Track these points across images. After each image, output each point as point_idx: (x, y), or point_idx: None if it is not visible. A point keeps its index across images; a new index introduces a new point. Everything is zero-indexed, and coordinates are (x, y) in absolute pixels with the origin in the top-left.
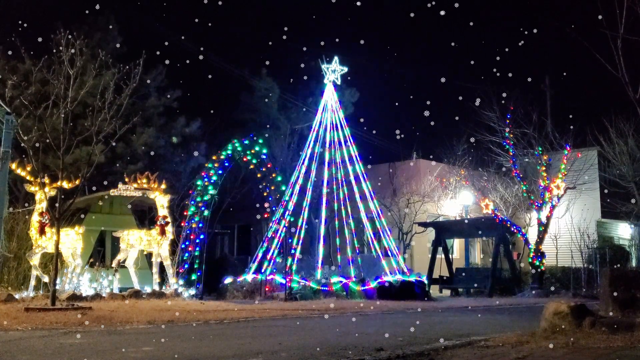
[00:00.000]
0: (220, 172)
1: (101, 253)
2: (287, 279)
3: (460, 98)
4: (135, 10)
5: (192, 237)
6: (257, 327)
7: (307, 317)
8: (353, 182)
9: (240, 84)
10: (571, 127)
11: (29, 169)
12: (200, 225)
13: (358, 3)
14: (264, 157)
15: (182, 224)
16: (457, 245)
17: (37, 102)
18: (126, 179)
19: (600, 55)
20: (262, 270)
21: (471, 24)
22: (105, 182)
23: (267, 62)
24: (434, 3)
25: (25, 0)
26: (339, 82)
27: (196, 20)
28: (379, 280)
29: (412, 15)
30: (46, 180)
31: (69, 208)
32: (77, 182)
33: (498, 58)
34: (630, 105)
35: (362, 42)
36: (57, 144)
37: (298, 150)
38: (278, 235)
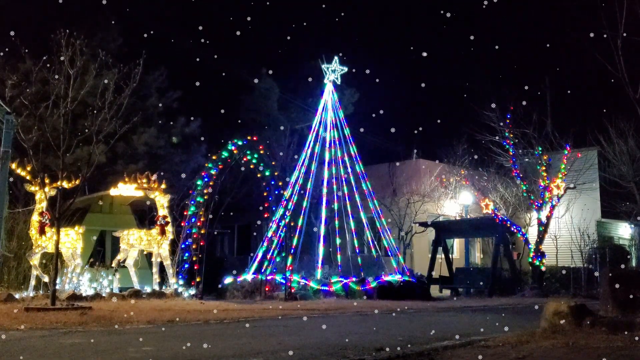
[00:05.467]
0: (219, 172)
1: (101, 253)
2: (287, 279)
3: (461, 98)
4: (136, 10)
5: (194, 236)
6: (257, 327)
7: (307, 317)
8: (353, 182)
9: (240, 84)
10: (571, 127)
11: (29, 169)
12: (200, 225)
13: (358, 3)
14: (264, 157)
15: (182, 224)
16: (457, 245)
17: (37, 102)
18: (126, 179)
19: (600, 55)
20: (262, 270)
21: (471, 23)
22: (106, 182)
23: (267, 62)
24: (434, 3)
25: (26, 0)
26: (339, 82)
27: (196, 20)
28: (379, 280)
29: (412, 15)
30: (46, 180)
31: (69, 208)
32: (77, 182)
33: (498, 58)
34: (630, 105)
35: (362, 42)
36: (57, 144)
37: (298, 150)
38: (278, 235)
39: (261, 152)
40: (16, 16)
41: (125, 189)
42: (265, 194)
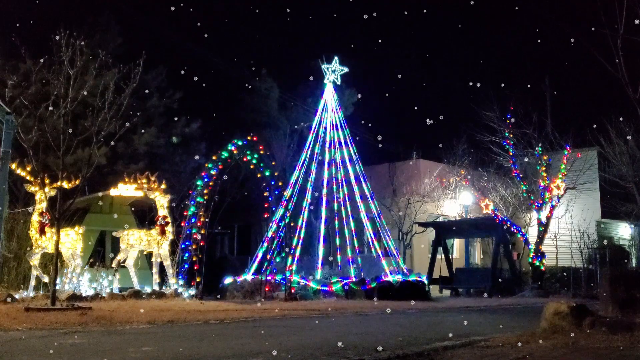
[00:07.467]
0: (219, 172)
1: (101, 253)
2: (287, 279)
3: (461, 98)
4: (136, 11)
5: (193, 236)
6: (257, 327)
7: (307, 317)
8: (353, 182)
9: (240, 84)
10: (571, 127)
11: (29, 169)
12: (200, 225)
13: (358, 3)
14: (264, 157)
15: (182, 224)
16: (457, 245)
17: (37, 102)
18: (126, 179)
19: (600, 55)
20: (262, 270)
21: (471, 24)
22: (106, 183)
23: (268, 62)
24: (434, 3)
25: (26, 0)
26: (339, 82)
27: (197, 20)
28: (379, 280)
29: (412, 15)
30: (46, 180)
31: (69, 208)
32: (77, 182)
33: (498, 58)
34: (630, 105)
35: (362, 42)
36: (58, 144)
37: (298, 150)
38: (278, 235)
39: (261, 152)
40: (16, 16)
41: (125, 189)
42: (265, 194)
